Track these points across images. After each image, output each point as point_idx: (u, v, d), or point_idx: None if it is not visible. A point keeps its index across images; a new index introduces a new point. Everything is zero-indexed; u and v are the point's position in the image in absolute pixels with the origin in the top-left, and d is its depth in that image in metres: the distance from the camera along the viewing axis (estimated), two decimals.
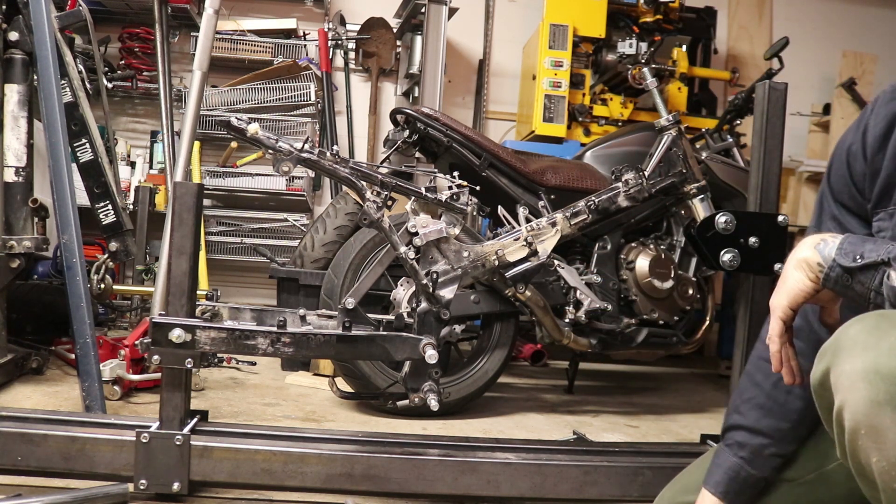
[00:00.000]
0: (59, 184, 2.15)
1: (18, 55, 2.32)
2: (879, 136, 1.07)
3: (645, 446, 1.91)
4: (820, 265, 0.95)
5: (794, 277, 0.98)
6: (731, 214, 1.76)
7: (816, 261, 0.96)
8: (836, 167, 1.15)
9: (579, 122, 4.11)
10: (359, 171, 1.70)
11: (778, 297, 1.01)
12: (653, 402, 2.99)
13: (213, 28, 2.67)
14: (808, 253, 0.97)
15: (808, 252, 0.97)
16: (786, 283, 0.99)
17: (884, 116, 1.08)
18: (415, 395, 1.72)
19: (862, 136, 1.11)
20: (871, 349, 0.80)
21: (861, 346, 0.81)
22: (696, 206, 2.53)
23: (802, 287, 0.97)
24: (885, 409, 0.77)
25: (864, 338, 0.82)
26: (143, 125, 4.58)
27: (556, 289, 2.41)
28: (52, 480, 1.53)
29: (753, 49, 4.92)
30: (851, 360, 0.81)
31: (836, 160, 1.16)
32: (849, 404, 0.81)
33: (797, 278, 0.98)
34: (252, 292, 4.62)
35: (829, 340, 0.87)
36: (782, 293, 1.00)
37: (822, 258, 0.95)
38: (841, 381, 0.82)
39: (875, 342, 0.80)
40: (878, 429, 0.78)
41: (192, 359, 1.51)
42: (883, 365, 0.78)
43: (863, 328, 0.83)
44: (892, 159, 1.06)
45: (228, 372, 2.91)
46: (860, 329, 0.83)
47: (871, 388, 0.78)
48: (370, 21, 4.62)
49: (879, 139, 1.07)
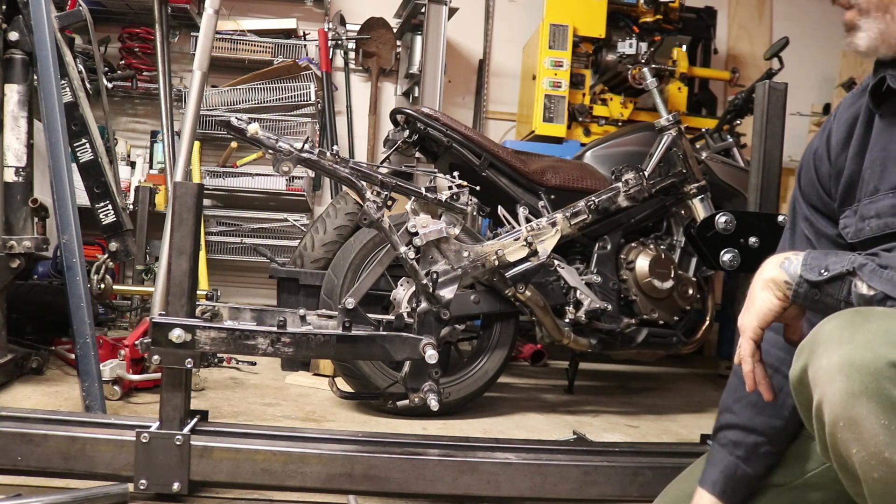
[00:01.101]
0: (59, 184, 2.15)
1: (18, 55, 2.32)
2: (842, 140, 1.13)
3: (645, 446, 1.91)
4: (787, 283, 0.97)
5: (761, 297, 1.00)
6: (731, 214, 1.76)
7: (783, 279, 0.98)
8: (805, 171, 1.21)
9: (579, 122, 4.11)
10: (359, 171, 1.70)
11: (747, 318, 1.03)
12: (653, 402, 2.99)
13: (213, 28, 2.67)
14: (773, 272, 0.99)
15: (774, 271, 0.99)
16: (754, 303, 1.01)
17: (845, 120, 1.14)
18: (415, 395, 1.72)
19: (826, 140, 1.17)
20: (847, 343, 0.82)
21: (836, 340, 0.83)
22: (696, 206, 2.53)
23: (771, 306, 0.99)
24: (861, 400, 0.79)
25: (839, 333, 0.84)
26: (143, 125, 4.58)
27: (556, 289, 2.41)
28: (52, 480, 1.53)
29: (753, 49, 4.92)
30: (828, 355, 0.83)
31: (804, 164, 1.21)
32: (827, 398, 0.82)
33: (765, 298, 1.00)
34: (252, 292, 4.62)
35: (805, 338, 0.89)
36: (751, 314, 1.02)
37: (789, 276, 0.97)
38: (819, 375, 0.83)
39: (850, 336, 0.82)
40: (856, 420, 0.79)
41: (192, 359, 1.51)
42: (858, 357, 0.80)
43: (838, 324, 0.85)
44: (853, 159, 1.11)
45: (228, 372, 2.91)
46: (835, 325, 0.85)
47: (847, 380, 0.80)
48: (370, 21, 4.62)
49: (842, 142, 1.13)
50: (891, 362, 0.78)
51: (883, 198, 1.05)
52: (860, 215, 1.08)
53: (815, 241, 1.20)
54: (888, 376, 0.78)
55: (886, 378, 0.78)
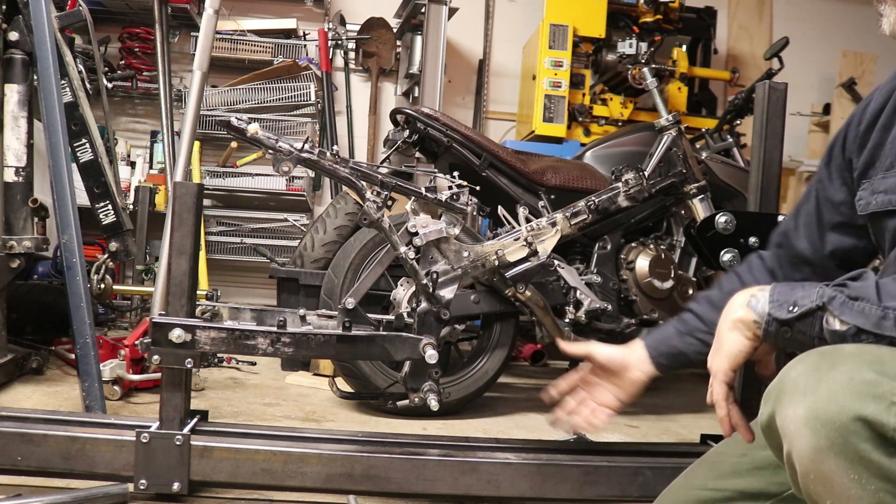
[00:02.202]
0: (59, 184, 2.15)
1: (18, 55, 2.32)
2: (876, 110, 1.12)
3: (645, 446, 1.91)
4: (756, 322, 0.96)
5: (730, 339, 0.99)
6: (731, 214, 1.76)
7: (752, 318, 0.96)
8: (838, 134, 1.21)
9: (579, 122, 4.11)
10: (359, 171, 1.70)
11: (718, 361, 1.02)
12: (653, 402, 2.99)
13: (213, 28, 2.67)
14: (741, 312, 0.97)
15: (742, 311, 0.97)
16: (723, 345, 1.01)
17: (885, 91, 1.13)
18: (415, 395, 1.72)
19: (864, 107, 1.16)
20: (811, 394, 0.80)
21: (801, 390, 0.81)
22: (696, 206, 2.53)
23: (741, 347, 0.98)
24: (829, 456, 0.78)
25: (804, 381, 0.82)
26: (143, 125, 4.58)
27: (556, 289, 2.41)
28: (52, 480, 1.52)
29: (753, 49, 4.93)
30: (793, 406, 0.81)
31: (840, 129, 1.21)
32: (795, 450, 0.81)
33: (735, 339, 0.99)
34: (252, 292, 4.62)
35: (773, 382, 0.87)
36: (722, 357, 1.01)
37: (757, 315, 0.95)
38: (786, 425, 0.82)
39: (814, 386, 0.80)
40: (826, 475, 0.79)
41: (192, 359, 1.51)
42: (822, 410, 0.78)
43: (803, 371, 0.83)
44: (879, 131, 1.10)
45: (228, 372, 2.91)
46: (800, 372, 0.84)
47: (814, 435, 0.78)
48: (370, 21, 4.62)
49: (875, 112, 1.12)
50: (856, 416, 0.76)
51: (892, 175, 1.04)
52: (872, 189, 1.07)
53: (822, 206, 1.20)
54: (854, 431, 0.76)
55: (852, 433, 0.76)
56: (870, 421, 0.76)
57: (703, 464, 1.25)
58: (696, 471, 1.24)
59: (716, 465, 1.19)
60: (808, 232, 1.25)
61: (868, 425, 0.76)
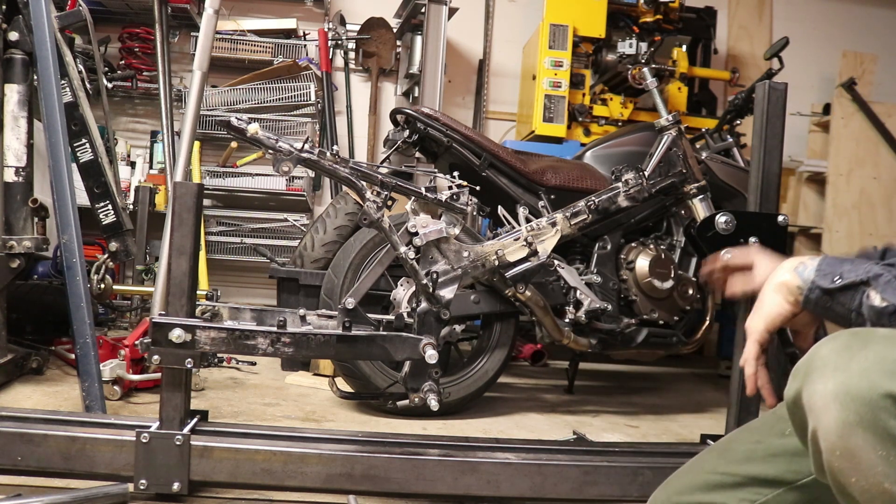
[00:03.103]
0: (59, 184, 2.15)
1: (18, 55, 2.32)
2: None
3: (645, 446, 1.91)
4: (799, 288, 0.96)
5: (772, 301, 0.99)
6: (731, 214, 1.75)
7: (796, 284, 0.96)
8: None
9: (579, 122, 4.11)
10: (359, 171, 1.70)
11: (755, 321, 1.02)
12: (653, 402, 2.99)
13: (213, 28, 2.67)
14: (787, 276, 0.98)
15: (788, 275, 0.98)
16: (763, 306, 1.00)
17: None
18: (415, 395, 1.72)
19: None
20: (842, 370, 0.80)
21: (832, 366, 0.81)
22: (696, 206, 2.53)
23: (780, 311, 0.98)
24: (857, 431, 0.78)
25: (835, 358, 0.82)
26: (143, 125, 4.58)
27: (556, 289, 2.41)
28: (52, 480, 1.53)
29: (753, 49, 4.93)
30: (823, 381, 0.81)
31: None
32: (822, 426, 0.81)
33: (776, 301, 0.99)
34: (252, 292, 4.62)
35: (802, 359, 0.87)
36: (759, 316, 1.01)
37: (802, 280, 0.96)
38: (814, 401, 0.82)
39: (846, 363, 0.80)
40: (853, 450, 0.78)
41: (192, 359, 1.51)
42: (853, 386, 0.78)
43: (834, 348, 0.84)
44: None
45: (228, 372, 2.91)
46: (831, 349, 0.84)
47: (843, 409, 0.78)
48: (370, 21, 4.62)
49: None
50: (887, 393, 0.76)
51: None
52: None
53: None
54: (884, 407, 0.76)
55: (882, 409, 0.76)
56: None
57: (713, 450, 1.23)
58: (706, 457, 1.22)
59: (727, 452, 1.17)
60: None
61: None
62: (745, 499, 1.09)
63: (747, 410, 1.68)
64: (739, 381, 1.71)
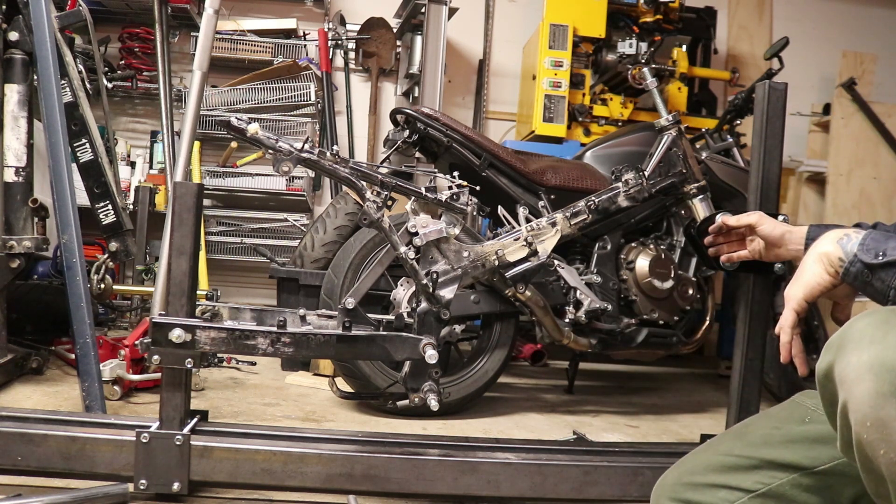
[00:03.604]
0: (59, 184, 2.15)
1: (18, 55, 2.32)
2: None
3: (645, 446, 1.90)
4: (841, 260, 0.96)
5: (812, 270, 0.99)
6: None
7: (838, 255, 0.96)
8: None
9: (579, 122, 4.11)
10: (359, 171, 1.70)
11: (794, 289, 1.01)
12: (653, 402, 2.99)
13: (213, 28, 2.67)
14: (829, 247, 0.98)
15: (830, 247, 0.98)
16: (803, 275, 1.00)
17: None
18: (415, 395, 1.72)
19: None
20: (878, 343, 0.80)
21: (868, 339, 0.81)
22: (696, 206, 2.52)
23: (820, 281, 0.98)
24: (891, 401, 0.77)
25: (871, 331, 0.81)
26: (143, 125, 4.58)
27: (556, 289, 2.41)
28: (52, 480, 1.53)
29: (753, 49, 4.93)
30: (858, 353, 0.81)
31: None
32: (854, 396, 0.80)
33: (816, 272, 0.99)
34: (252, 292, 4.62)
35: (836, 333, 0.87)
36: (799, 285, 1.01)
37: (844, 253, 0.96)
38: (847, 372, 0.81)
39: (882, 336, 0.80)
40: (885, 420, 0.78)
41: (192, 359, 1.51)
42: (889, 358, 0.78)
43: (871, 322, 0.83)
44: None
45: (228, 372, 2.91)
46: (868, 323, 0.83)
47: (877, 380, 0.78)
48: (370, 21, 4.62)
49: None
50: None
51: None
52: None
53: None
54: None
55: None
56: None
57: (729, 434, 1.21)
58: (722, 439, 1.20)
59: (745, 435, 1.16)
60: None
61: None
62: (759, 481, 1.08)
63: (747, 410, 1.68)
64: (739, 381, 1.71)
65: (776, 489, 1.06)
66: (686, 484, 1.13)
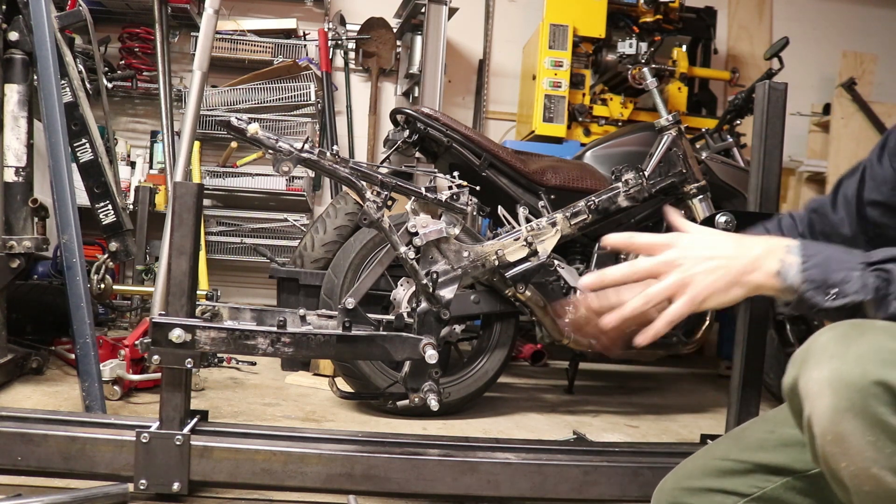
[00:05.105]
0: (59, 184, 2.15)
1: (18, 55, 2.32)
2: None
3: (645, 446, 1.90)
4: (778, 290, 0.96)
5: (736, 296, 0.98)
6: (731, 214, 1.75)
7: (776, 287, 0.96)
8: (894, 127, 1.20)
9: (579, 122, 4.11)
10: (359, 171, 1.70)
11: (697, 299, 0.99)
12: (653, 402, 2.99)
13: (213, 28, 2.67)
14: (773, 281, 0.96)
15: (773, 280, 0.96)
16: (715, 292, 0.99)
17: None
18: (415, 395, 1.72)
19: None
20: (838, 358, 0.81)
21: (829, 354, 0.83)
22: (696, 206, 2.53)
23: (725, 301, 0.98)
24: (847, 417, 0.79)
25: (832, 346, 0.83)
26: (143, 125, 4.58)
27: (556, 289, 2.41)
28: (52, 480, 1.53)
29: (753, 49, 4.92)
30: (819, 368, 0.83)
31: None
32: (815, 411, 0.82)
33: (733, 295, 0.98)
34: (252, 292, 4.62)
35: (800, 348, 0.88)
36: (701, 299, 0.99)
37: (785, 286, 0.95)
38: (809, 387, 0.83)
39: (842, 351, 0.82)
40: (843, 436, 0.80)
41: (192, 359, 1.51)
42: (847, 373, 0.80)
43: (832, 336, 0.85)
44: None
45: (228, 372, 2.91)
46: (830, 337, 0.85)
47: (835, 395, 0.80)
48: (370, 21, 4.62)
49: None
50: (878, 380, 0.78)
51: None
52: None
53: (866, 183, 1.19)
54: (874, 394, 0.78)
55: (873, 396, 0.78)
56: (891, 386, 0.77)
57: (725, 438, 1.23)
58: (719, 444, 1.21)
59: (740, 440, 1.17)
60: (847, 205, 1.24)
61: (889, 390, 0.77)
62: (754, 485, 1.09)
63: (747, 410, 1.68)
64: (739, 381, 1.71)
65: (770, 493, 1.08)
66: (683, 489, 1.15)
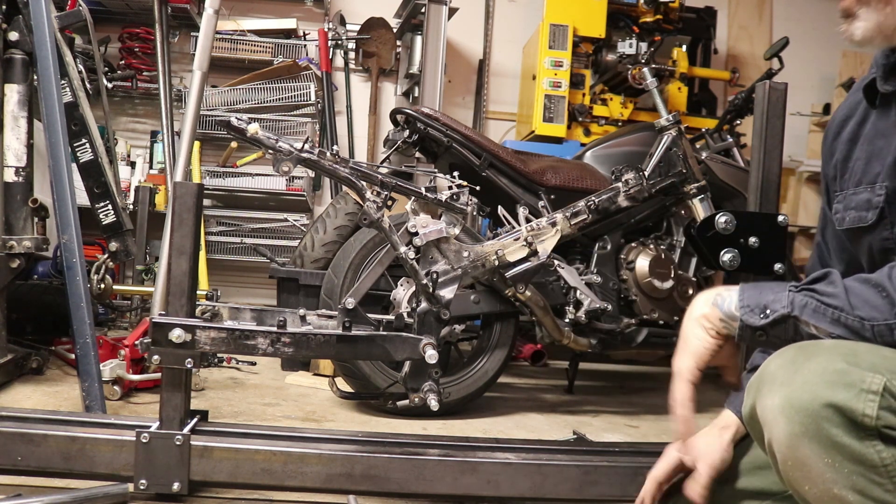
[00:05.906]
0: (59, 184, 2.15)
1: (18, 55, 2.32)
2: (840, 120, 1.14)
3: (645, 446, 1.90)
4: (722, 321, 0.97)
5: (696, 336, 1.00)
6: (731, 214, 1.75)
7: (717, 316, 0.97)
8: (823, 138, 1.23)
9: (579, 122, 4.11)
10: (359, 171, 1.70)
11: (684, 360, 1.01)
12: (653, 402, 2.99)
13: (213, 28, 2.67)
14: (706, 309, 0.99)
15: (707, 308, 0.99)
16: (688, 344, 1.00)
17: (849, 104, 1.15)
18: (415, 395, 1.72)
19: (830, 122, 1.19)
20: (787, 385, 0.83)
21: (779, 381, 0.84)
22: (696, 206, 2.53)
23: (706, 345, 0.99)
24: (803, 441, 0.80)
25: (781, 373, 0.85)
26: (143, 125, 4.58)
27: (556, 289, 2.41)
28: (52, 480, 1.52)
29: (753, 49, 4.93)
30: (771, 395, 0.84)
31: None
32: (774, 438, 0.84)
33: (699, 336, 0.99)
34: (252, 292, 4.62)
35: (754, 375, 0.90)
36: (687, 355, 1.00)
37: (724, 313, 0.97)
38: (765, 415, 0.85)
39: (790, 377, 0.83)
40: (802, 460, 0.81)
41: (192, 359, 1.51)
42: (796, 398, 0.81)
43: (781, 363, 0.86)
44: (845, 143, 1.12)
45: (228, 372, 2.91)
46: (778, 364, 0.86)
47: (789, 422, 0.81)
48: (370, 21, 4.62)
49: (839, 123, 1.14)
50: (827, 403, 0.79)
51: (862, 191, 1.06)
52: (845, 204, 1.09)
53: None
54: (826, 416, 0.79)
55: (824, 419, 0.79)
56: (840, 407, 0.79)
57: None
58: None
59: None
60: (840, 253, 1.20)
61: (839, 411, 0.79)
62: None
63: None
64: None
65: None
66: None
